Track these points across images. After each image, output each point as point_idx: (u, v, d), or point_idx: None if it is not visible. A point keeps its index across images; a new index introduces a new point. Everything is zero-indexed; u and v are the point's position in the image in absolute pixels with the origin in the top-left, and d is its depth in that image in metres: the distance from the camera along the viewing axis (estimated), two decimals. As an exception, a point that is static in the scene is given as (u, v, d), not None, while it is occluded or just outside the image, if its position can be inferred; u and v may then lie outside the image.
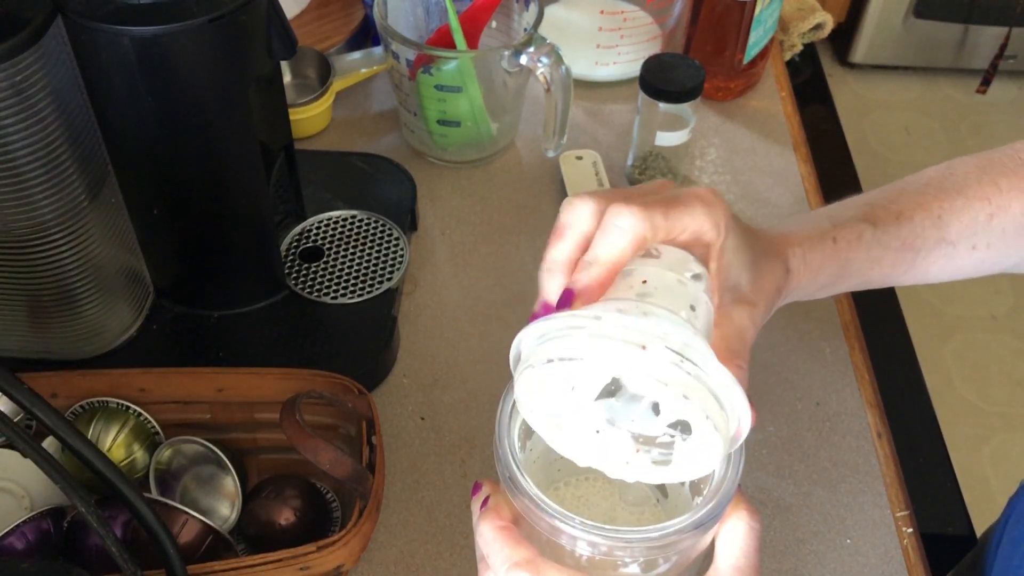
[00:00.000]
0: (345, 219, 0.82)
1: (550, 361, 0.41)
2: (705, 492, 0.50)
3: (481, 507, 0.46)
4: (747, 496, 0.46)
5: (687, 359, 0.41)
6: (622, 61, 0.98)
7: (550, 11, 1.00)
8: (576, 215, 0.44)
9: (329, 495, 0.67)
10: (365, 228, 0.81)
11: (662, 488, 0.57)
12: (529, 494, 0.44)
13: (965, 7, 2.21)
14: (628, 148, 0.91)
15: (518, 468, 0.45)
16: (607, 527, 0.43)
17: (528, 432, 0.52)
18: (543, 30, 0.83)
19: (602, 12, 0.95)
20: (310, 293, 0.76)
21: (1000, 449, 1.78)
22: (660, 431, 0.43)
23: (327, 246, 0.79)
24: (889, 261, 0.58)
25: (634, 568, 0.47)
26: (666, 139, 0.86)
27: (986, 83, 2.17)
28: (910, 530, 0.68)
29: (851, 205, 0.59)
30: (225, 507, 0.65)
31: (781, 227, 0.56)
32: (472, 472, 0.69)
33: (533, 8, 0.84)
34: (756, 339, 0.81)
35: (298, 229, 0.81)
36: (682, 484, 0.56)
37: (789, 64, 1.08)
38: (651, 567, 0.47)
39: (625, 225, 0.42)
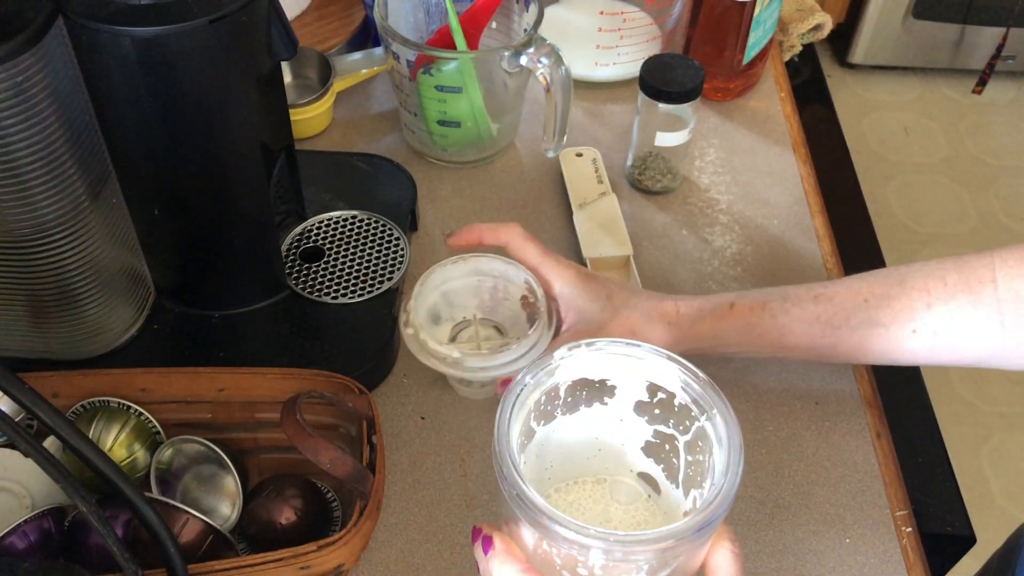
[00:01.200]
0: (346, 219, 0.82)
1: None
2: (707, 486, 0.50)
3: (485, 552, 0.47)
4: (727, 523, 0.48)
5: None
6: (622, 61, 0.98)
7: (550, 11, 1.00)
8: None
9: (329, 494, 0.67)
10: (365, 228, 0.81)
11: (653, 484, 0.57)
12: (543, 510, 0.44)
13: (964, 7, 2.22)
14: (628, 148, 0.91)
15: (525, 483, 0.45)
16: (621, 532, 0.44)
17: (522, 444, 0.52)
18: (543, 30, 0.83)
19: (602, 13, 0.96)
20: (311, 293, 0.76)
21: (999, 449, 1.78)
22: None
23: (328, 246, 0.80)
24: (803, 332, 0.63)
25: (644, 573, 0.47)
26: (666, 139, 0.86)
27: (982, 83, 2.17)
28: (909, 529, 0.68)
29: (781, 287, 0.66)
30: (226, 506, 0.65)
31: (686, 297, 0.66)
32: (472, 472, 0.69)
33: (533, 9, 0.84)
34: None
35: (299, 229, 0.81)
36: (675, 484, 0.56)
37: (788, 65, 1.08)
38: (663, 567, 0.47)
39: None
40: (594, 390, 0.54)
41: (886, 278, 0.63)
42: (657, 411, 0.54)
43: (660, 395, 0.53)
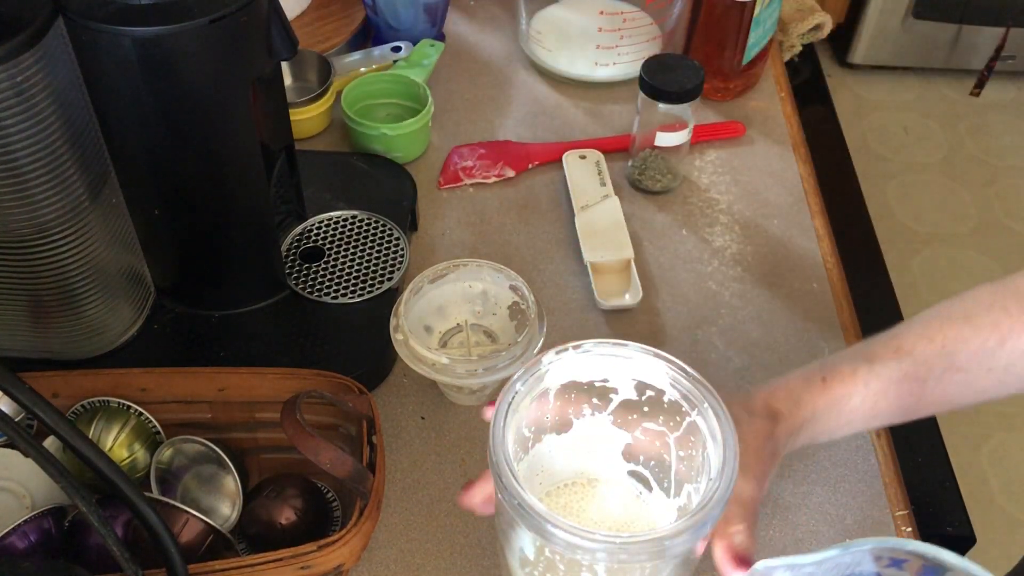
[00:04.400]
0: (345, 219, 0.82)
1: None
2: (703, 481, 0.50)
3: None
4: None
5: None
6: (622, 61, 0.98)
7: (550, 11, 1.00)
8: None
9: (330, 494, 0.67)
10: (365, 228, 0.81)
11: (645, 482, 0.57)
12: (547, 517, 0.44)
13: (963, 8, 2.21)
14: (628, 148, 0.91)
15: (525, 491, 0.45)
16: (626, 535, 0.44)
17: (515, 454, 0.52)
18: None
19: (602, 13, 0.96)
20: (311, 293, 0.76)
21: (999, 449, 1.78)
22: None
23: (328, 246, 0.80)
24: (895, 392, 0.58)
25: (647, 571, 0.47)
26: (666, 139, 0.86)
27: (980, 86, 2.17)
28: (909, 529, 0.68)
29: (852, 349, 0.60)
30: (226, 506, 0.65)
31: (769, 383, 0.58)
32: (472, 472, 0.69)
33: None
34: (756, 338, 0.82)
35: (299, 229, 0.81)
36: (667, 481, 0.56)
37: (788, 65, 1.08)
38: (665, 565, 0.48)
39: None
40: (583, 392, 0.54)
41: (949, 318, 0.59)
42: (646, 409, 0.54)
43: (649, 393, 0.53)
